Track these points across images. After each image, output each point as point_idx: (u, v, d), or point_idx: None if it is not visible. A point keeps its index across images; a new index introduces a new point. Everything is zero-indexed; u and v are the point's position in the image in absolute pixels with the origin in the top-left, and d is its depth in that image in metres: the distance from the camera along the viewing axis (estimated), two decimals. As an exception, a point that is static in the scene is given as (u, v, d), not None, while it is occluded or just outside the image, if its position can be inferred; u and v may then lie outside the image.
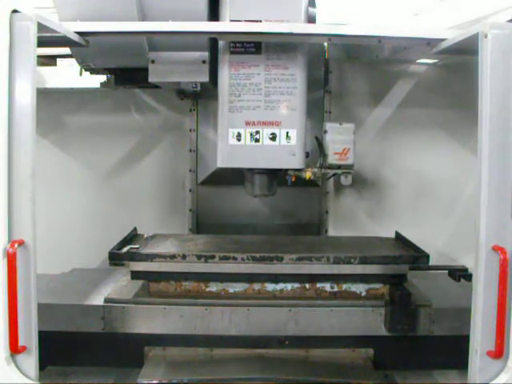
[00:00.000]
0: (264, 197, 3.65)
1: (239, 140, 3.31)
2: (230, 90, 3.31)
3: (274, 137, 3.31)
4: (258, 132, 3.31)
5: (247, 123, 3.32)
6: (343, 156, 3.40)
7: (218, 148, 3.39)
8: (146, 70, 3.41)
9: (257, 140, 3.31)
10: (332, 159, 3.42)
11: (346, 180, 3.49)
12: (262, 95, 3.31)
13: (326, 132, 3.45)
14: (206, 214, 4.46)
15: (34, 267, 2.47)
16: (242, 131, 3.32)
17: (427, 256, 3.32)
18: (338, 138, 3.42)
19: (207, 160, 4.37)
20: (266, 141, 3.32)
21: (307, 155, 3.44)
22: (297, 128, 3.33)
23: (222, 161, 3.39)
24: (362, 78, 4.29)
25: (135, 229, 3.87)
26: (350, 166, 3.47)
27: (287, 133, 3.32)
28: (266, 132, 3.32)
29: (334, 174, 3.57)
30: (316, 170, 3.46)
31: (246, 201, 4.24)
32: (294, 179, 3.48)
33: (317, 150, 3.54)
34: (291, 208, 4.42)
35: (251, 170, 3.52)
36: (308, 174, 3.43)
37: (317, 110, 4.36)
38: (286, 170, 3.46)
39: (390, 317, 3.15)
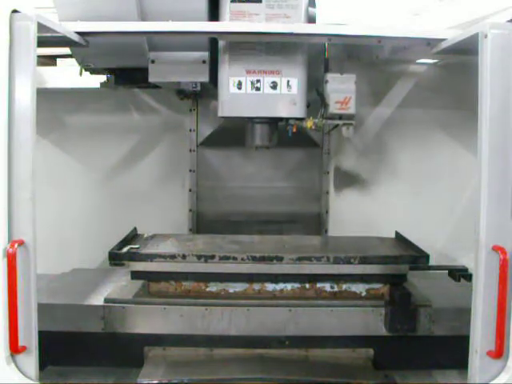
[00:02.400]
0: (265, 148, 3.63)
1: (240, 88, 3.30)
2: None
3: (274, 85, 3.30)
4: (258, 81, 3.29)
5: (248, 72, 3.30)
6: (344, 105, 3.34)
7: (218, 98, 3.38)
8: (145, 69, 3.41)
9: (257, 89, 3.30)
10: (333, 108, 3.36)
11: (347, 132, 3.43)
12: (263, 44, 3.28)
13: (327, 82, 3.40)
14: (205, 175, 4.47)
15: (34, 267, 2.47)
16: (242, 79, 3.30)
17: (427, 256, 3.32)
18: (340, 87, 3.37)
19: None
20: (266, 89, 3.30)
21: (308, 105, 3.41)
22: (297, 77, 3.31)
23: (223, 110, 3.37)
24: (362, 77, 4.28)
25: (135, 229, 3.86)
26: (351, 116, 3.40)
27: (288, 81, 3.30)
28: (266, 81, 3.30)
29: (336, 126, 3.50)
30: (317, 120, 3.42)
31: (246, 162, 4.33)
32: (295, 130, 3.44)
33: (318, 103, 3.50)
34: (292, 169, 4.43)
35: (252, 119, 3.51)
36: (309, 124, 3.39)
37: (316, 110, 4.35)
38: (287, 119, 3.43)
39: (390, 317, 3.16)
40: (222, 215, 4.45)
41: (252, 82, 3.29)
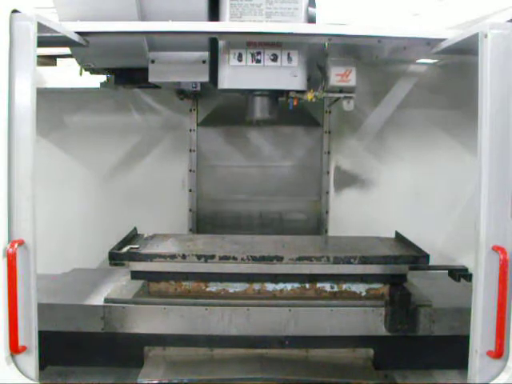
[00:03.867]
0: (265, 122, 3.63)
1: (240, 61, 3.28)
2: (231, 10, 3.26)
3: (275, 58, 3.28)
4: (259, 53, 3.28)
5: (248, 44, 3.28)
6: (345, 78, 3.31)
7: (219, 71, 3.36)
8: (146, 69, 3.42)
9: (258, 61, 3.28)
10: (334, 81, 3.33)
11: (348, 105, 3.40)
12: (263, 16, 3.25)
13: (327, 55, 3.38)
14: (206, 154, 4.48)
15: (34, 267, 2.47)
16: (243, 52, 3.29)
17: (427, 256, 3.32)
18: (341, 60, 3.35)
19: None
20: (267, 62, 3.29)
21: (309, 78, 3.40)
22: (298, 49, 3.30)
23: (223, 83, 3.36)
24: (362, 77, 4.28)
25: (135, 229, 3.87)
26: (352, 89, 3.38)
27: (288, 54, 3.29)
28: (267, 53, 3.28)
29: (337, 100, 3.49)
30: (317, 93, 3.40)
31: (247, 141, 4.38)
32: (295, 103, 3.43)
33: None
34: (292, 148, 4.45)
35: (252, 92, 3.50)
36: (310, 96, 3.38)
37: (316, 111, 4.36)
38: (288, 92, 3.42)
39: (390, 317, 3.16)
40: (222, 210, 4.48)
41: (252, 54, 3.28)
